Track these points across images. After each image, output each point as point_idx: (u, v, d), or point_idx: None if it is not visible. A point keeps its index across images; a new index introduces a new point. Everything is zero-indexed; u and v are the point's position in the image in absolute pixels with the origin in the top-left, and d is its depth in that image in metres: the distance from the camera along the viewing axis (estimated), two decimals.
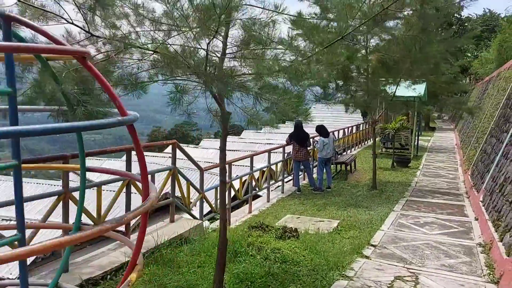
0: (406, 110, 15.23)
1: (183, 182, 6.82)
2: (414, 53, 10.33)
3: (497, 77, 15.92)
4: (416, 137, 18.18)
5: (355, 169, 14.06)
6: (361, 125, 22.56)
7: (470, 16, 38.23)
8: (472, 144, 14.47)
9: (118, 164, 16.16)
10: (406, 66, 10.36)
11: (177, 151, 6.58)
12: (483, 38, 35.99)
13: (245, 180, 9.13)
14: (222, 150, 4.38)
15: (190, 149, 29.56)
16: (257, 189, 9.59)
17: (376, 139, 18.87)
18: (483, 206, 7.80)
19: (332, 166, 12.64)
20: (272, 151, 10.42)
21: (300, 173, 11.14)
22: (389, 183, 11.80)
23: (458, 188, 11.25)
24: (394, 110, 16.03)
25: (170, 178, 6.41)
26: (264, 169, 9.94)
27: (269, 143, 21.20)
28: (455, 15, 33.54)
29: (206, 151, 28.26)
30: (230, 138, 35.55)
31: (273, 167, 10.80)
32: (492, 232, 6.20)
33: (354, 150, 19.57)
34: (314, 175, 11.33)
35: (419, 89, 13.41)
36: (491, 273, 5.28)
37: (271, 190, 10.34)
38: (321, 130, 11.05)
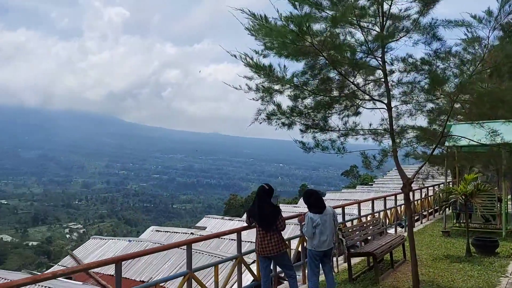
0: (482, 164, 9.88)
1: None
2: None
3: None
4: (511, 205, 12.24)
5: (403, 260, 8.86)
6: (438, 186, 16.85)
7: None
8: None
9: None
10: None
11: None
12: None
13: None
14: None
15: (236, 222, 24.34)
16: None
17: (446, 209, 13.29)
18: None
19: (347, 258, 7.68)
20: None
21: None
22: None
23: None
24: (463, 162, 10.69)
25: None
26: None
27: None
28: None
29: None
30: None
31: None
32: None
33: (421, 223, 13.98)
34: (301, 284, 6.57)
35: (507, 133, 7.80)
36: None
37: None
38: (311, 200, 6.31)
